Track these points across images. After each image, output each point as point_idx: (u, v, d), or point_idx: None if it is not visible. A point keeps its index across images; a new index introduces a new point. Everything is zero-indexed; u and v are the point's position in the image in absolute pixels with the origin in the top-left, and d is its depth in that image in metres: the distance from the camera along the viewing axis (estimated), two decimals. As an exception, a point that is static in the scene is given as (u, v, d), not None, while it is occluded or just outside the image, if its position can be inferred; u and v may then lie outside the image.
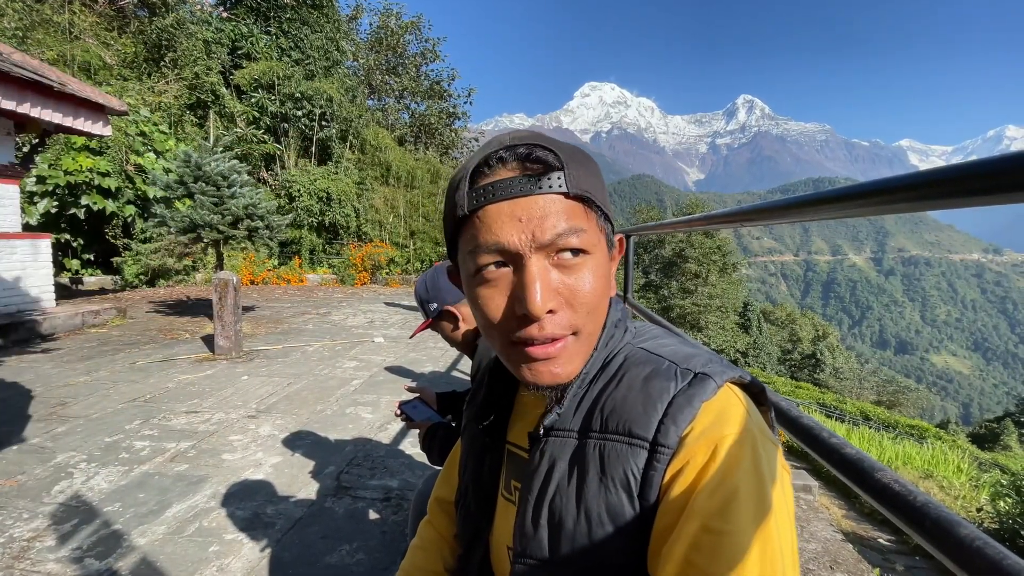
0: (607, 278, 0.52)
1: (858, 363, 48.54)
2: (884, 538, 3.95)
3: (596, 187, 0.51)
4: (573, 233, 0.47)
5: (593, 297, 0.49)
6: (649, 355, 0.52)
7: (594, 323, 0.51)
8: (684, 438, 0.45)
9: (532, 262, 0.47)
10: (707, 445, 0.44)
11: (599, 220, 0.51)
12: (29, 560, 1.72)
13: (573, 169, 0.48)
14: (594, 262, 0.50)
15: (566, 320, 0.49)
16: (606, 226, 0.53)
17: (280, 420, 3.07)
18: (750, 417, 0.46)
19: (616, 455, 0.47)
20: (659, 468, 0.46)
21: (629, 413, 0.48)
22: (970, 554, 0.41)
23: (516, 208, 0.47)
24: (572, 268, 0.48)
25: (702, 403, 0.46)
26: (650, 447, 0.46)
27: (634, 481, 0.46)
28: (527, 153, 0.48)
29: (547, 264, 0.48)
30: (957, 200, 0.45)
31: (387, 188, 15.37)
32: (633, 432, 0.47)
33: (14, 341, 4.87)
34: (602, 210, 0.51)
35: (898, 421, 18.89)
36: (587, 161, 0.52)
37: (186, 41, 11.91)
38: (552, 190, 0.47)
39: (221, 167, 6.17)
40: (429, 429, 1.43)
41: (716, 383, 0.47)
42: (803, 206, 0.75)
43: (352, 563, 1.76)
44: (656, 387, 0.48)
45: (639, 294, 29.99)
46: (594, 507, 0.48)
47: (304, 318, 6.76)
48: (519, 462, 0.60)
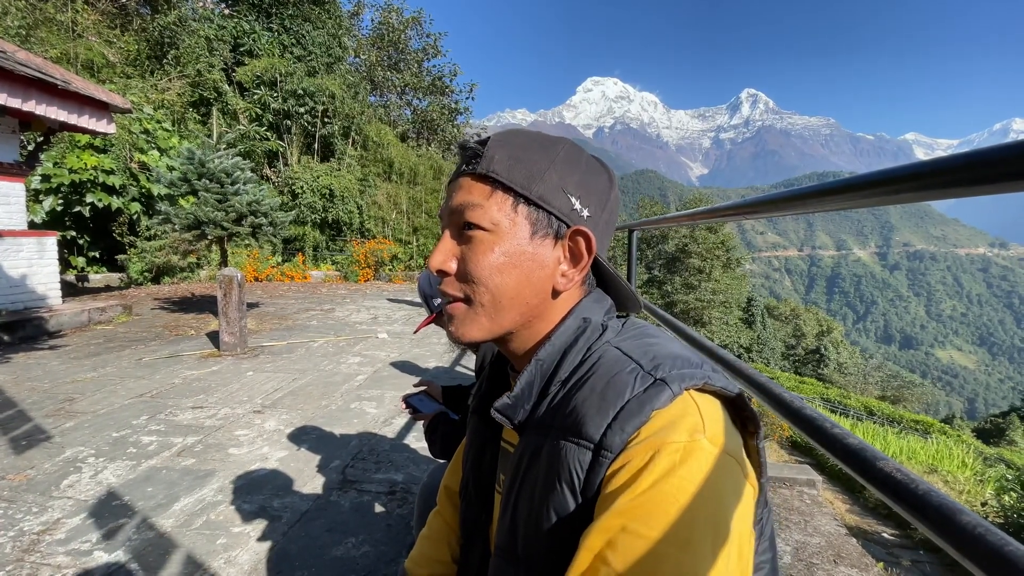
0: (514, 260, 0.53)
1: (862, 358, 48.34)
2: (888, 532, 3.95)
3: (512, 170, 0.53)
4: (469, 207, 0.54)
5: (481, 271, 0.53)
6: (620, 356, 0.51)
7: (489, 298, 0.54)
8: (629, 443, 0.45)
9: (444, 229, 0.58)
10: (647, 449, 0.43)
11: (514, 203, 0.53)
12: (39, 553, 1.75)
13: (490, 153, 0.54)
14: (495, 240, 0.53)
15: (456, 285, 0.56)
16: (532, 211, 0.54)
17: (285, 415, 3.08)
18: (704, 428, 0.44)
19: (566, 453, 0.48)
20: (600, 471, 0.46)
21: (584, 414, 0.48)
22: (972, 541, 0.41)
23: (451, 188, 0.58)
24: (467, 240, 0.55)
25: (653, 411, 0.45)
26: (595, 449, 0.46)
27: (578, 480, 0.47)
28: (464, 144, 0.57)
29: (453, 234, 0.57)
30: (961, 189, 0.44)
31: (390, 184, 15.37)
32: (583, 433, 0.47)
33: (21, 338, 4.90)
34: (519, 194, 0.53)
35: (903, 416, 18.83)
36: (523, 150, 0.55)
37: (188, 38, 11.92)
38: (465, 172, 0.55)
39: (224, 164, 6.18)
40: (431, 421, 1.44)
41: (672, 391, 0.46)
42: (806, 198, 0.74)
43: (358, 555, 1.78)
44: (613, 391, 0.48)
45: (642, 290, 29.95)
46: (544, 503, 0.49)
47: (308, 314, 6.79)
48: (508, 456, 0.62)
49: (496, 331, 0.56)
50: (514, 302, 0.54)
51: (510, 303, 0.54)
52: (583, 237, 0.55)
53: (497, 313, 0.55)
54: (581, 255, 0.56)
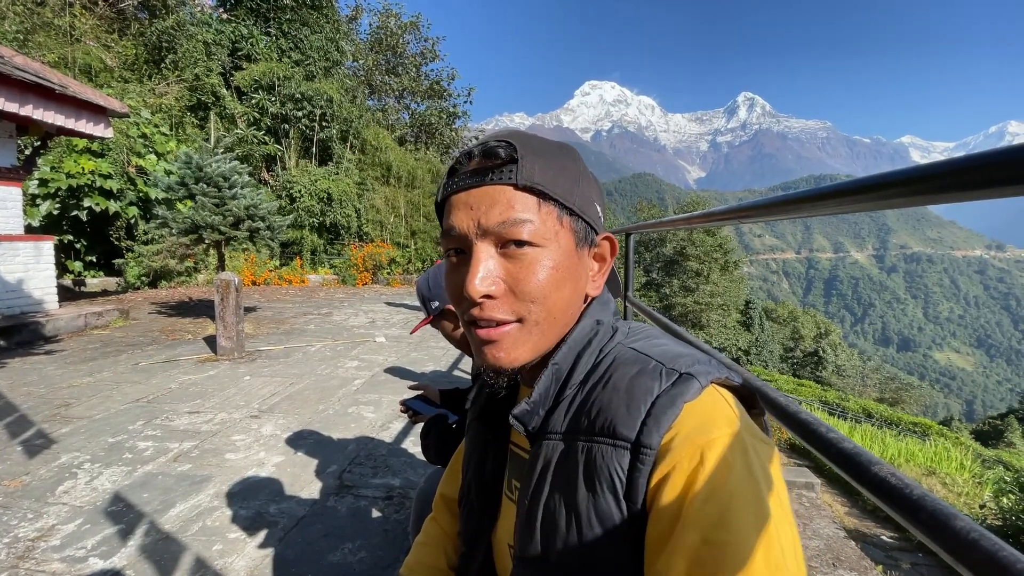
0: (566, 273, 0.53)
1: (860, 360, 48.41)
2: (887, 535, 3.94)
3: (555, 182, 0.52)
4: (518, 223, 0.49)
5: (539, 289, 0.50)
6: (638, 355, 0.51)
7: (545, 315, 0.52)
8: (669, 442, 0.44)
9: (477, 247, 0.51)
10: (693, 450, 0.43)
11: (559, 215, 0.52)
12: (34, 560, 1.73)
13: (528, 162, 0.50)
14: (546, 255, 0.51)
15: (507, 306, 0.51)
16: (574, 222, 0.53)
17: (282, 420, 3.08)
18: (738, 419, 0.45)
19: (602, 457, 0.47)
20: (643, 471, 0.45)
21: (614, 414, 0.47)
22: (966, 546, 0.41)
23: (470, 197, 0.51)
24: (517, 258, 0.50)
25: (684, 404, 0.45)
26: (632, 448, 0.46)
27: (620, 483, 0.46)
28: (486, 147, 0.51)
29: (494, 252, 0.51)
30: (956, 194, 0.45)
31: (388, 188, 15.38)
32: (617, 433, 0.47)
33: (18, 343, 4.89)
34: (564, 205, 0.52)
35: (901, 418, 18.84)
36: (554, 157, 0.53)
37: (186, 43, 11.93)
38: (501, 181, 0.50)
39: (222, 168, 6.18)
40: (425, 425, 1.43)
41: (700, 384, 0.46)
42: (802, 202, 0.75)
43: (355, 561, 1.77)
44: (640, 387, 0.47)
45: (640, 293, 29.97)
46: (583, 510, 0.48)
47: (306, 318, 6.77)
48: (520, 462, 0.60)
49: (546, 348, 0.54)
50: (565, 315, 0.54)
51: (562, 316, 0.54)
52: (609, 242, 0.58)
53: (550, 329, 0.53)
54: (605, 259, 0.58)
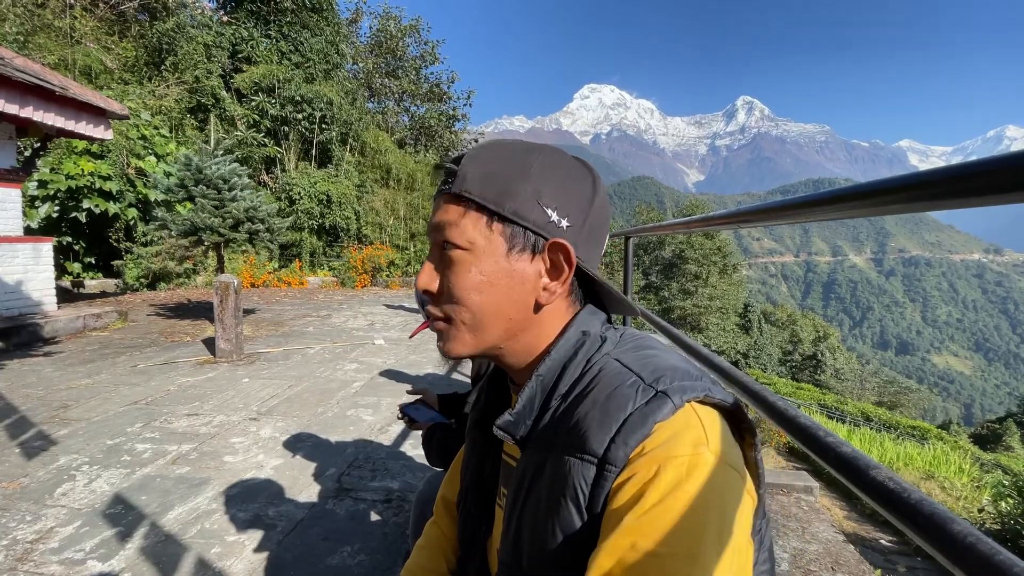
0: (492, 278, 0.53)
1: (859, 364, 48.40)
2: (886, 539, 3.94)
3: (486, 188, 0.53)
4: (444, 227, 0.54)
5: (459, 291, 0.54)
6: (621, 368, 0.51)
7: (470, 317, 0.54)
8: (635, 458, 0.45)
9: (432, 249, 0.58)
10: (651, 463, 0.43)
11: (488, 220, 0.53)
12: (32, 562, 1.73)
13: (464, 171, 0.54)
14: (471, 259, 0.53)
15: (438, 305, 0.56)
16: (505, 228, 0.53)
17: (281, 422, 3.07)
18: (707, 441, 0.45)
19: (570, 469, 0.48)
20: (605, 486, 0.46)
21: (587, 429, 0.48)
22: (963, 550, 0.42)
23: (433, 207, 0.58)
24: (445, 261, 0.55)
25: (656, 423, 0.45)
26: (599, 464, 0.46)
27: (583, 496, 0.47)
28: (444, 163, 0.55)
29: (438, 254, 0.57)
30: (955, 201, 0.45)
31: (387, 190, 15.40)
32: (587, 448, 0.47)
33: (16, 344, 4.88)
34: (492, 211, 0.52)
35: (899, 422, 18.84)
36: (502, 165, 0.54)
37: (186, 45, 11.95)
38: (446, 190, 0.55)
39: (222, 170, 6.19)
40: (428, 430, 1.43)
41: (674, 403, 0.46)
42: (800, 207, 0.75)
43: (353, 564, 1.77)
44: (615, 404, 0.48)
45: (639, 296, 29.99)
46: (549, 520, 0.48)
47: (305, 320, 6.77)
48: (509, 470, 0.61)
49: (481, 347, 0.56)
50: (496, 319, 0.55)
51: (492, 320, 0.55)
52: (561, 249, 0.54)
53: (479, 330, 0.55)
54: (561, 268, 0.54)
